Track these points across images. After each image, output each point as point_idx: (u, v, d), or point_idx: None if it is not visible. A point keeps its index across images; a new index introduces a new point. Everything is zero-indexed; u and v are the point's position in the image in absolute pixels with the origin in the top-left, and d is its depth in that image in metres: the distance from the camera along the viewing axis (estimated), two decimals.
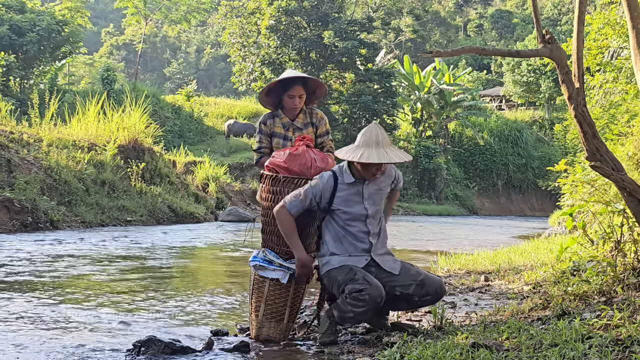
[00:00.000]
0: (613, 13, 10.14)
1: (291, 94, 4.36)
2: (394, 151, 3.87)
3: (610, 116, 10.32)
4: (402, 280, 3.92)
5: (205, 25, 72.34)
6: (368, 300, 3.71)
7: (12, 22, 25.87)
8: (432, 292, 3.92)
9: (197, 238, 11.82)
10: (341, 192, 3.89)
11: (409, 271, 3.96)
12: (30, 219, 11.12)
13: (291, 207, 3.87)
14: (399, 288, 3.91)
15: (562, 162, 5.47)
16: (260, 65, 33.06)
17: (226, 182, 21.37)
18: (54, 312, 4.74)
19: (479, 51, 4.34)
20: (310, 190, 3.87)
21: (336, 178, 3.89)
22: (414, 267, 4.03)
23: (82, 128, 15.60)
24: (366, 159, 3.76)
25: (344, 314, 3.78)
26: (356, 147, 3.84)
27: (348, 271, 3.81)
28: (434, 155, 33.54)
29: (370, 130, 3.86)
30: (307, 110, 4.51)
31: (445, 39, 60.73)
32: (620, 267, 4.21)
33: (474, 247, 10.14)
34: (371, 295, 3.70)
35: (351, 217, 3.91)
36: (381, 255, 3.99)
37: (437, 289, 3.93)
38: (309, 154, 4.08)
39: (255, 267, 4.07)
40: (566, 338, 3.08)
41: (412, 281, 3.91)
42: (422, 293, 3.91)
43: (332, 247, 3.93)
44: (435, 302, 4.00)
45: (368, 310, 3.75)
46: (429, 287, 3.91)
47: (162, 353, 3.55)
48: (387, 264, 3.96)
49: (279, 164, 4.06)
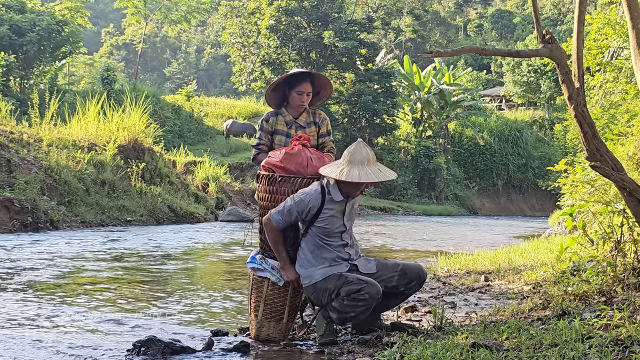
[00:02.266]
0: (613, 13, 10.14)
1: (300, 90, 4.34)
2: (379, 170, 3.87)
3: (610, 116, 10.31)
4: (382, 275, 3.98)
5: (205, 25, 72.35)
6: (368, 299, 3.73)
7: (12, 22, 25.86)
8: (415, 278, 4.01)
9: (197, 238, 11.82)
10: (327, 209, 3.88)
11: (387, 265, 4.05)
12: (30, 219, 11.12)
13: (277, 223, 3.90)
14: (382, 283, 3.94)
15: (562, 162, 5.47)
16: (260, 65, 33.06)
17: (226, 182, 21.36)
18: (54, 312, 4.74)
19: (479, 51, 4.34)
20: (295, 206, 3.86)
21: (324, 195, 3.88)
22: (391, 260, 4.14)
23: (82, 128, 15.60)
24: (350, 178, 3.76)
25: (344, 315, 3.79)
26: (340, 165, 3.85)
27: (338, 278, 3.84)
28: (434, 155, 33.52)
29: (355, 149, 3.86)
30: (311, 110, 4.51)
31: (445, 39, 60.73)
32: (620, 267, 4.21)
33: (474, 247, 10.14)
34: (370, 293, 3.74)
35: (330, 233, 3.92)
36: (357, 260, 4.04)
37: (418, 273, 4.03)
38: (305, 153, 4.07)
39: (253, 269, 4.09)
40: (566, 338, 3.08)
41: (392, 273, 3.99)
42: (405, 281, 4.00)
43: (311, 260, 3.93)
44: (420, 287, 4.09)
45: (369, 308, 3.78)
46: (410, 274, 4.01)
47: (162, 353, 3.55)
48: (363, 266, 4.01)
49: (275, 163, 4.06)
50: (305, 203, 3.85)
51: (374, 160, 3.88)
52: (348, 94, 31.70)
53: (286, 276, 3.97)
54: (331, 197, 3.88)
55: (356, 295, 3.73)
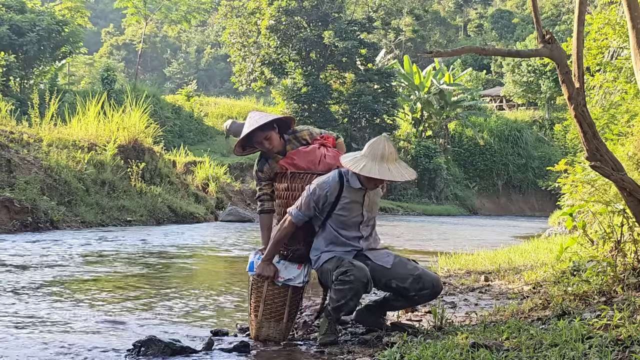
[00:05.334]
0: (613, 13, 10.13)
1: (257, 141, 4.18)
2: (398, 168, 3.82)
3: (610, 116, 10.30)
4: (398, 273, 3.92)
5: (205, 25, 72.30)
6: (353, 281, 3.72)
7: (12, 22, 25.84)
8: (428, 287, 3.90)
9: (197, 238, 11.82)
10: (346, 196, 3.89)
11: (406, 265, 3.97)
12: (30, 219, 11.11)
13: (296, 219, 3.92)
14: (395, 281, 3.91)
15: (562, 162, 5.47)
16: (260, 65, 33.08)
17: (226, 182, 21.36)
18: (54, 312, 4.74)
19: (479, 51, 4.34)
20: (312, 197, 3.87)
21: (342, 180, 3.89)
22: (412, 262, 4.03)
23: (82, 128, 15.60)
24: (367, 173, 3.74)
25: (336, 304, 3.80)
26: (361, 157, 3.81)
27: (337, 260, 3.86)
28: (434, 155, 33.53)
29: (377, 143, 3.83)
30: (291, 137, 4.30)
31: (445, 39, 60.73)
32: (620, 267, 4.21)
33: (474, 247, 10.13)
34: (355, 276, 3.73)
35: (347, 222, 3.93)
36: (373, 250, 4.01)
37: (433, 284, 3.92)
38: (319, 151, 4.09)
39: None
40: (566, 338, 3.08)
41: (408, 274, 3.91)
42: (418, 287, 3.90)
43: (323, 248, 3.97)
44: (432, 297, 3.97)
45: (355, 292, 3.76)
46: (425, 281, 3.90)
47: (162, 353, 3.55)
48: (379, 258, 3.98)
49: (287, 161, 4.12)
50: (324, 191, 3.85)
51: (395, 157, 3.83)
52: (348, 94, 31.71)
53: (264, 270, 3.96)
54: (349, 184, 3.88)
55: (343, 277, 3.74)
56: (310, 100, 30.99)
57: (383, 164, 3.77)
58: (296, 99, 31.10)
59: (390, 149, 3.81)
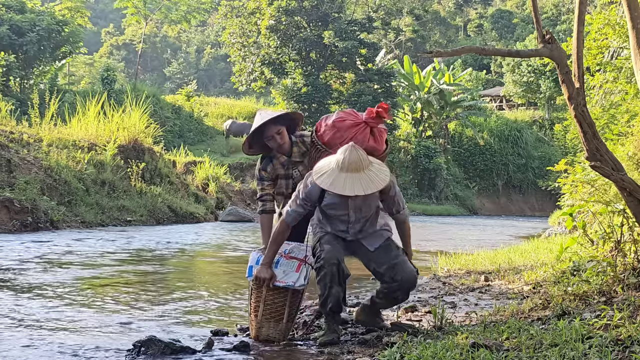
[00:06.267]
0: (613, 13, 10.13)
1: (268, 136, 4.18)
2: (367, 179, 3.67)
3: (610, 116, 10.30)
4: (378, 257, 3.96)
5: (205, 25, 72.28)
6: (324, 265, 3.78)
7: (12, 22, 25.84)
8: (398, 280, 3.85)
9: (197, 238, 11.82)
10: (327, 197, 3.88)
11: (390, 253, 3.96)
12: (30, 219, 11.11)
13: (290, 220, 3.91)
14: (373, 264, 3.95)
15: (562, 162, 5.47)
16: (260, 65, 33.07)
17: (226, 182, 21.36)
18: (54, 312, 4.74)
19: (479, 51, 4.34)
20: (302, 196, 3.89)
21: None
22: (396, 252, 3.96)
23: (82, 128, 15.60)
24: (333, 189, 3.68)
25: (321, 298, 3.85)
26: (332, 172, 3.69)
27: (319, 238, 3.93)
28: (434, 155, 33.52)
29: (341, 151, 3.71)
30: (298, 140, 4.31)
31: (445, 39, 60.71)
32: (620, 267, 4.21)
33: (474, 247, 10.13)
34: (325, 258, 3.78)
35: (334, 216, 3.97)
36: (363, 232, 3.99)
37: (404, 277, 3.84)
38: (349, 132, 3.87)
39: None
40: (566, 338, 3.08)
41: (386, 261, 3.92)
42: (390, 275, 3.88)
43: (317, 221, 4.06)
44: (400, 290, 3.87)
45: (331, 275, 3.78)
46: (398, 272, 3.86)
47: (162, 353, 3.55)
48: (367, 238, 4.01)
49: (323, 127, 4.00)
50: (309, 191, 3.85)
51: (366, 165, 3.69)
52: (348, 94, 31.71)
53: (261, 273, 3.96)
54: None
55: (317, 266, 3.83)
56: (310, 100, 31.00)
57: (341, 174, 3.65)
58: (296, 99, 31.11)
59: (360, 157, 3.67)
